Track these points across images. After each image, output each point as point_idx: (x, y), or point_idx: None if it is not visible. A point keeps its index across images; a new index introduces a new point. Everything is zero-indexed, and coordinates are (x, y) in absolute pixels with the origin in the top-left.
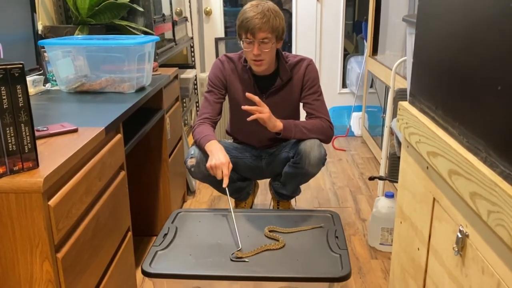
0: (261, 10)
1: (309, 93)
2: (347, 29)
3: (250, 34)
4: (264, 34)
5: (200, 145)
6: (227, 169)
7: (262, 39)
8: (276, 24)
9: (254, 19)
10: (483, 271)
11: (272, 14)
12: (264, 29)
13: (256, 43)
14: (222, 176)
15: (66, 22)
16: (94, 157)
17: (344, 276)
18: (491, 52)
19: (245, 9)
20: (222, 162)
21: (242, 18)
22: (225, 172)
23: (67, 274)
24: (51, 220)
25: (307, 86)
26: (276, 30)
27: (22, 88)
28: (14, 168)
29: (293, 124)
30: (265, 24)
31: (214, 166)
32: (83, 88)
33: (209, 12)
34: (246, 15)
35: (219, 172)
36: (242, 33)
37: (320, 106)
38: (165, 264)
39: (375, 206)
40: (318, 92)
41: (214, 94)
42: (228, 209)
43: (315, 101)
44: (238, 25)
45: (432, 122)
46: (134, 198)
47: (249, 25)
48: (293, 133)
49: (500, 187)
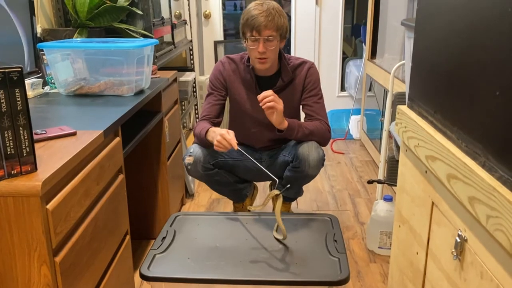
0: (266, 8)
1: (310, 95)
2: (346, 33)
3: (256, 32)
4: (270, 31)
5: (201, 138)
6: (229, 133)
7: (267, 37)
8: (280, 22)
9: (260, 17)
10: (482, 275)
11: (277, 13)
12: (269, 26)
13: (261, 41)
14: (232, 145)
15: (65, 25)
16: (93, 160)
17: (342, 279)
18: (489, 57)
19: (249, 8)
20: (221, 134)
21: (247, 17)
22: (229, 137)
23: (65, 278)
24: (49, 223)
25: (308, 88)
26: (280, 29)
27: (20, 91)
28: (12, 172)
29: (297, 124)
30: (270, 22)
31: (217, 143)
32: (82, 91)
33: (208, 15)
34: (251, 13)
35: (226, 143)
36: (247, 31)
37: (320, 109)
38: (163, 267)
39: (374, 210)
40: (318, 95)
41: (214, 96)
42: (226, 212)
43: (315, 104)
44: (243, 23)
45: (431, 126)
46: (132, 201)
47: (254, 22)
48: (295, 133)
49: (499, 192)
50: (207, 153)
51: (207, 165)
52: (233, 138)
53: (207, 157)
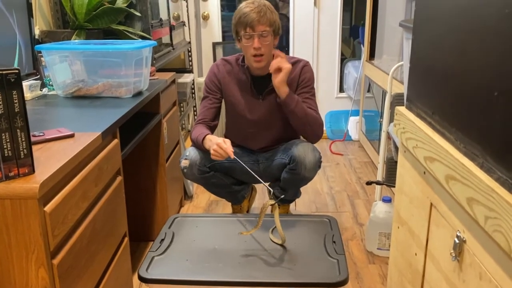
0: (257, 5)
1: (303, 91)
2: (344, 34)
3: (249, 28)
4: (263, 27)
5: (198, 143)
6: (225, 142)
7: (262, 32)
8: (273, 18)
9: (252, 13)
10: (481, 276)
11: (268, 9)
12: (262, 22)
13: (256, 37)
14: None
15: (63, 27)
16: (91, 162)
17: (341, 281)
18: (487, 58)
19: (240, 7)
20: (217, 143)
21: (239, 15)
22: (225, 146)
23: (63, 281)
24: (47, 226)
25: (301, 85)
26: (273, 24)
27: (18, 93)
28: (9, 174)
29: (297, 98)
30: (263, 17)
31: (214, 152)
32: (80, 93)
33: (206, 17)
34: (243, 11)
35: (222, 152)
36: (241, 29)
37: (313, 104)
38: (162, 269)
39: (373, 211)
40: (311, 92)
41: (209, 99)
42: (225, 214)
43: (307, 99)
44: (235, 22)
45: (429, 127)
46: (131, 203)
47: (247, 19)
48: (294, 103)
49: (497, 193)
50: (203, 156)
51: (203, 168)
52: (229, 147)
53: (203, 160)
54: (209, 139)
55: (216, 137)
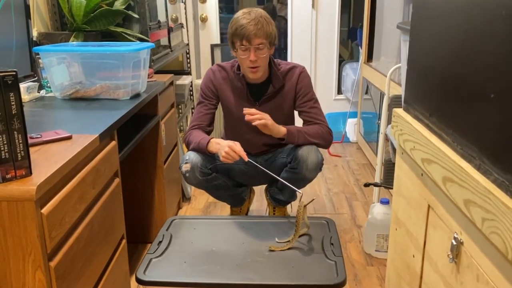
0: (254, 17)
1: (304, 100)
2: (342, 36)
3: (246, 41)
4: (260, 40)
5: (200, 147)
6: (236, 145)
7: (258, 45)
8: (269, 30)
9: (249, 25)
10: (478, 278)
11: (265, 20)
12: (259, 35)
13: (252, 50)
14: (240, 155)
15: (61, 29)
16: (88, 164)
17: (339, 283)
18: (484, 60)
19: (237, 17)
20: (229, 145)
21: (236, 26)
22: (238, 149)
23: (60, 283)
24: (44, 228)
25: (301, 94)
26: (270, 36)
27: (15, 95)
28: (6, 176)
29: (296, 130)
30: (260, 30)
31: (226, 154)
32: (78, 94)
33: (204, 19)
34: (240, 22)
35: (235, 154)
36: (237, 41)
37: (317, 113)
38: (159, 271)
39: (371, 213)
40: (313, 99)
41: (204, 105)
42: (223, 216)
43: (311, 109)
44: (232, 33)
45: (426, 129)
46: (128, 205)
47: (244, 32)
48: (296, 138)
49: (494, 195)
50: (204, 158)
51: (205, 170)
52: (242, 150)
53: (205, 161)
54: (216, 142)
55: (223, 140)
